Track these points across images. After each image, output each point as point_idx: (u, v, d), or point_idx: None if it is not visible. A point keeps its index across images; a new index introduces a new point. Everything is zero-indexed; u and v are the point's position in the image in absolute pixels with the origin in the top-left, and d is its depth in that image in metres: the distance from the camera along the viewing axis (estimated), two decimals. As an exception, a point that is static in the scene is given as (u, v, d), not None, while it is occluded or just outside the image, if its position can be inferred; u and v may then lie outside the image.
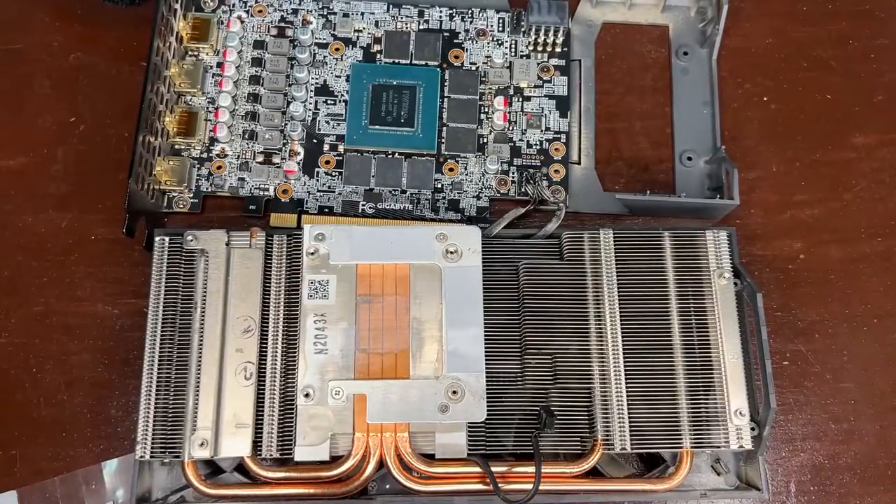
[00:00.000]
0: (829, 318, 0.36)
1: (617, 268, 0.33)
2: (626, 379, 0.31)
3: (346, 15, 0.39)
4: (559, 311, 0.32)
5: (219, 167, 0.37)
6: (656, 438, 0.31)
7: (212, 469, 0.31)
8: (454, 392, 0.29)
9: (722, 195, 0.36)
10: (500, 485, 0.29)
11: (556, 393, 0.31)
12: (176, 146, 0.37)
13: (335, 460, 0.30)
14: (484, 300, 0.31)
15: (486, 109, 0.38)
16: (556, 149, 0.37)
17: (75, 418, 0.34)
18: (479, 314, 0.30)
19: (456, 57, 0.39)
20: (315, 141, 0.37)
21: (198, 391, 0.30)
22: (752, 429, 0.31)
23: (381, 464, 0.30)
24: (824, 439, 0.35)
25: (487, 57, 0.39)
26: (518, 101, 0.38)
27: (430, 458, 0.30)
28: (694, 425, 0.31)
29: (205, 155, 0.37)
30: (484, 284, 0.31)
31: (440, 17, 0.39)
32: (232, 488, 0.30)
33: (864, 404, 0.35)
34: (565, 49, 0.39)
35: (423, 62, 0.38)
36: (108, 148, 0.37)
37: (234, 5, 0.39)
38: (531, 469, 0.30)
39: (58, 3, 0.40)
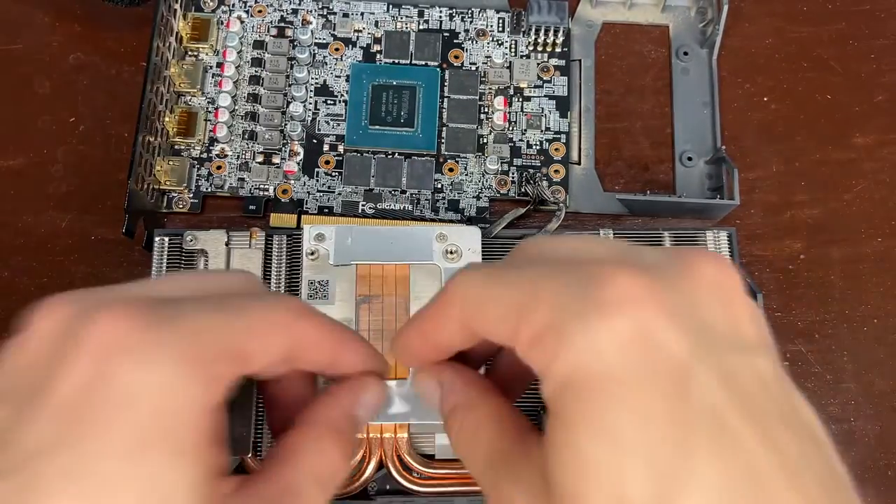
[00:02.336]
0: (830, 319, 0.36)
1: (617, 268, 0.33)
2: (626, 379, 0.31)
3: (345, 15, 0.39)
4: (559, 312, 0.32)
5: (218, 167, 0.37)
6: (656, 439, 0.31)
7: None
8: (454, 392, 0.29)
9: (722, 195, 0.36)
10: (499, 485, 0.29)
11: (556, 393, 0.31)
12: (175, 146, 0.37)
13: (335, 461, 0.30)
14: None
15: (486, 109, 0.38)
16: (556, 149, 0.37)
17: (75, 419, 0.33)
18: (478, 315, 0.30)
19: (456, 57, 0.39)
20: (315, 141, 0.37)
21: (197, 392, 0.30)
22: (753, 429, 0.31)
23: (381, 464, 0.30)
24: (824, 440, 0.35)
25: (487, 57, 0.39)
26: (518, 101, 0.38)
27: (430, 458, 0.30)
28: (694, 426, 0.31)
29: (204, 155, 0.37)
30: (484, 285, 0.31)
31: (440, 17, 0.39)
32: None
33: (865, 405, 0.35)
34: (565, 49, 0.39)
35: (423, 62, 0.38)
36: (108, 148, 0.37)
37: (233, 5, 0.39)
38: (531, 470, 0.30)
39: (57, 4, 0.40)
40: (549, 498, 0.16)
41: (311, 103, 0.38)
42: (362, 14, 0.39)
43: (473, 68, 0.38)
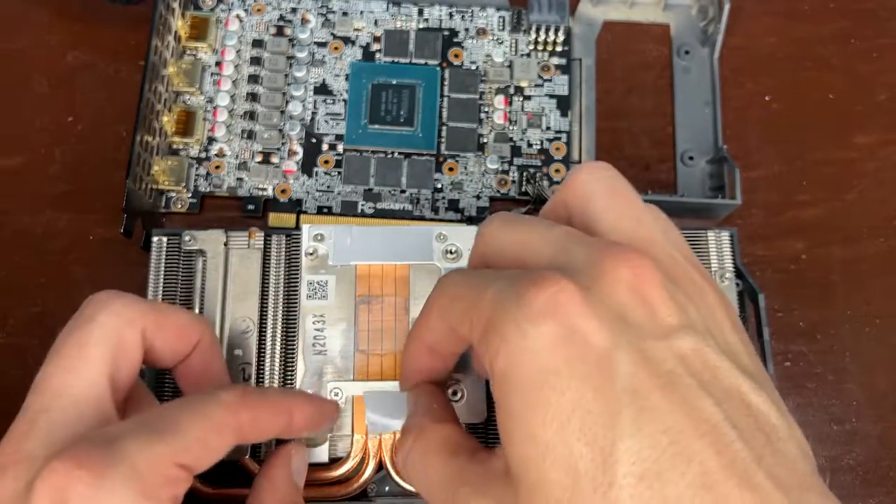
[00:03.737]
0: (831, 319, 0.36)
1: (618, 268, 0.33)
2: (627, 380, 0.31)
3: (345, 14, 0.39)
4: (560, 312, 0.32)
5: (217, 167, 0.36)
6: (657, 440, 0.31)
7: (210, 471, 0.31)
8: (454, 393, 0.29)
9: (723, 195, 0.36)
10: (500, 487, 0.29)
11: (557, 394, 0.31)
12: (174, 146, 0.37)
13: (334, 462, 0.30)
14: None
15: (487, 109, 0.38)
16: (556, 148, 0.37)
17: (73, 419, 0.33)
18: (478, 315, 0.30)
19: (456, 56, 0.38)
20: (314, 140, 0.37)
21: (196, 392, 0.30)
22: (754, 430, 0.31)
23: (381, 466, 0.30)
24: (826, 441, 0.34)
25: (487, 56, 0.38)
26: (518, 100, 0.38)
27: (429, 459, 0.30)
28: (695, 427, 0.31)
29: (203, 154, 0.37)
30: (484, 285, 0.31)
31: (440, 15, 0.39)
32: (231, 489, 0.30)
33: (867, 406, 0.35)
34: (566, 48, 0.39)
35: (423, 61, 0.38)
36: (107, 148, 0.37)
37: (232, 4, 0.39)
38: (531, 471, 0.30)
39: (56, 2, 0.40)
40: (513, 494, 0.18)
41: (310, 102, 0.38)
42: (362, 13, 0.39)
43: (473, 67, 0.38)
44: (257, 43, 0.38)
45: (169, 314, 0.24)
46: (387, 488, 0.31)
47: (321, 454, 0.29)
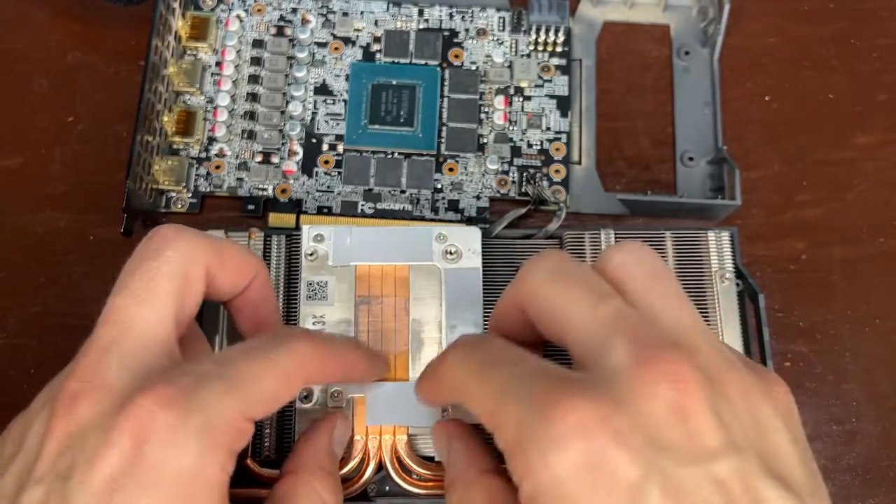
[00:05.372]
0: (831, 319, 0.36)
1: (618, 268, 0.33)
2: (627, 380, 0.31)
3: (345, 14, 0.39)
4: (560, 312, 0.32)
5: (217, 167, 0.37)
6: (657, 440, 0.31)
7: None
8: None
9: (723, 195, 0.36)
10: (500, 487, 0.29)
11: (557, 394, 0.31)
12: (174, 146, 0.37)
13: (334, 462, 0.30)
14: (484, 301, 0.31)
15: (486, 109, 0.38)
16: (556, 148, 0.37)
17: (73, 420, 0.33)
18: (478, 315, 0.30)
19: (456, 56, 0.38)
20: (314, 140, 0.37)
21: (196, 393, 0.30)
22: (754, 431, 0.31)
23: (381, 466, 0.30)
24: (826, 440, 0.34)
25: (488, 56, 0.38)
26: (518, 100, 0.38)
27: (429, 460, 0.30)
28: (695, 427, 0.31)
29: (203, 154, 0.37)
30: (484, 285, 0.31)
31: (440, 16, 0.39)
32: (232, 489, 0.30)
33: (867, 405, 0.35)
34: (566, 48, 0.39)
35: (423, 61, 0.38)
36: (107, 147, 0.37)
37: (232, 4, 0.39)
38: (531, 471, 0.30)
39: (56, 2, 0.40)
40: None
41: (310, 103, 0.38)
42: (362, 13, 0.39)
43: (474, 67, 0.38)
44: (257, 43, 0.38)
45: (229, 250, 0.24)
46: (387, 488, 0.31)
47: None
